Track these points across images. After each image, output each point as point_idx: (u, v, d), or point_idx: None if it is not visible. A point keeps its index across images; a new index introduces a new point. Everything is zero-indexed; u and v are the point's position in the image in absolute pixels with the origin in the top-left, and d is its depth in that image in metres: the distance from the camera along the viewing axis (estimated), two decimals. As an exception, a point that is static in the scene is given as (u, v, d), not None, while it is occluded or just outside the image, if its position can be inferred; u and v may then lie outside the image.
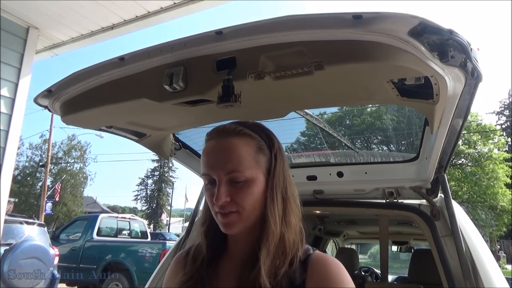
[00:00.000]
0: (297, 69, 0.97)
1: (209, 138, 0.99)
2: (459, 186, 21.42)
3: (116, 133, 1.67)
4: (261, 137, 0.98)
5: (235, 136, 0.95)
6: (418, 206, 1.92)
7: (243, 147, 0.94)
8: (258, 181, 0.94)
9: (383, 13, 0.86)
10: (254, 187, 0.93)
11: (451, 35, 0.87)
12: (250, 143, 0.95)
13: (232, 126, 0.98)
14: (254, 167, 0.94)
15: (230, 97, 0.99)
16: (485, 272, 1.57)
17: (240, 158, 0.92)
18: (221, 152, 0.94)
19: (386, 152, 9.21)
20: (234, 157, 0.92)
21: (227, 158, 0.93)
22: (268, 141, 0.99)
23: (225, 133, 0.96)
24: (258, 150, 0.96)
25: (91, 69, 1.22)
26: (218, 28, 1.00)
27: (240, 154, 0.93)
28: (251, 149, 0.95)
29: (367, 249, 20.75)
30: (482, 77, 1.07)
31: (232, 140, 0.95)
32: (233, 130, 0.96)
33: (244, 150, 0.94)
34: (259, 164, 0.95)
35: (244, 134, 0.96)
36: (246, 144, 0.95)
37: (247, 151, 0.94)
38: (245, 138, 0.96)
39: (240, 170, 0.91)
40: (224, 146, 0.94)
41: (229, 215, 0.92)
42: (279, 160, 0.98)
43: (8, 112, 4.02)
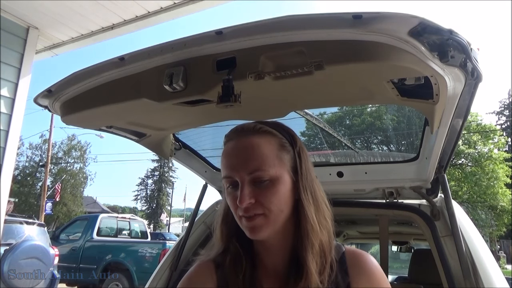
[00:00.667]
0: (297, 69, 0.97)
1: (228, 139, 0.95)
2: (459, 186, 21.43)
3: (116, 133, 1.67)
4: (282, 135, 0.95)
5: (255, 134, 0.92)
6: (418, 206, 1.92)
7: (264, 145, 0.90)
8: (284, 179, 0.89)
9: (383, 13, 0.86)
10: (280, 186, 0.88)
11: (451, 35, 0.87)
12: (271, 141, 0.92)
13: (251, 124, 0.95)
14: (278, 165, 0.90)
15: (230, 97, 0.99)
16: (485, 272, 1.57)
17: (263, 156, 0.88)
18: (241, 151, 0.90)
19: (386, 152, 9.22)
20: (256, 156, 0.88)
21: (248, 157, 0.89)
22: (290, 139, 0.96)
23: (244, 132, 0.93)
24: (280, 147, 0.92)
25: (91, 69, 1.22)
26: (218, 28, 1.00)
27: (262, 152, 0.89)
28: (273, 147, 0.91)
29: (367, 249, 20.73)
30: (482, 77, 1.06)
31: (252, 138, 0.91)
32: (252, 128, 0.93)
33: (266, 147, 0.90)
34: (283, 162, 0.91)
35: (265, 131, 0.93)
36: (267, 142, 0.91)
37: (269, 149, 0.90)
38: (266, 135, 0.92)
39: (264, 168, 0.87)
40: (245, 145, 0.91)
41: (255, 218, 0.87)
42: (303, 158, 0.95)
43: (8, 112, 4.02)
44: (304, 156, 0.96)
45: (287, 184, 0.90)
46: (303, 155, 0.95)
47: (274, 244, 0.93)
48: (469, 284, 1.54)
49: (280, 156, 0.91)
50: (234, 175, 0.89)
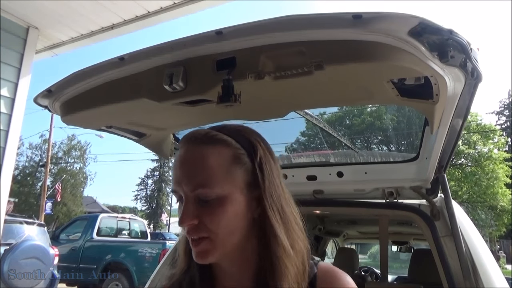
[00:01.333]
0: (297, 69, 0.97)
1: (180, 147, 0.82)
2: (459, 186, 21.44)
3: (116, 133, 1.67)
4: (240, 144, 0.81)
5: (206, 144, 0.79)
6: (418, 206, 1.91)
7: (213, 157, 0.77)
8: (234, 198, 0.77)
9: (383, 13, 0.86)
10: (228, 206, 0.76)
11: (451, 35, 0.87)
12: (223, 152, 0.78)
13: (203, 131, 0.82)
14: (228, 181, 0.77)
15: (230, 97, 0.99)
16: (485, 272, 1.57)
17: (209, 171, 0.76)
18: (186, 163, 0.78)
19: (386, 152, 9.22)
20: (201, 170, 0.76)
21: (192, 171, 0.77)
22: (249, 148, 0.81)
23: (194, 140, 0.80)
24: (233, 160, 0.79)
25: (91, 69, 1.22)
26: (218, 28, 1.00)
27: (209, 165, 0.76)
28: (223, 159, 0.78)
29: (367, 249, 20.76)
30: (482, 77, 1.07)
31: (201, 148, 0.78)
32: (203, 136, 0.80)
33: (215, 160, 0.77)
34: (234, 177, 0.78)
35: (217, 140, 0.79)
36: (218, 153, 0.78)
37: (218, 162, 0.77)
38: (218, 145, 0.79)
39: (209, 185, 0.75)
40: (191, 156, 0.78)
41: (200, 242, 0.76)
42: (266, 172, 0.80)
43: (8, 112, 4.02)
44: (267, 169, 0.81)
45: (239, 203, 0.77)
46: (266, 168, 0.81)
47: (232, 269, 0.82)
48: (469, 284, 1.54)
49: (231, 171, 0.78)
50: (179, 190, 0.78)
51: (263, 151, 0.83)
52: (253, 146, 0.82)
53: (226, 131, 0.83)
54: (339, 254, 4.12)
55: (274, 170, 0.83)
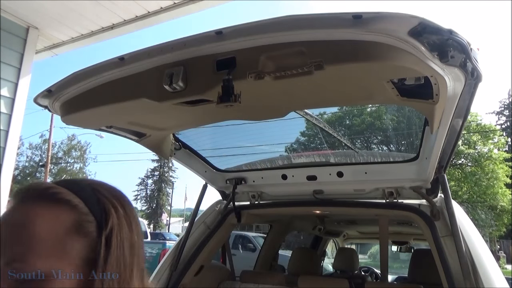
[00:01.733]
0: (297, 69, 0.97)
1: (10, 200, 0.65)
2: (459, 186, 21.42)
3: (116, 133, 1.67)
4: (89, 208, 0.63)
5: (40, 202, 0.61)
6: (418, 206, 1.91)
7: (44, 221, 0.59)
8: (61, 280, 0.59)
9: (383, 13, 0.86)
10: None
11: (451, 35, 0.87)
12: (61, 217, 0.61)
13: (44, 185, 0.64)
14: (58, 256, 0.59)
15: (230, 97, 0.99)
16: (485, 272, 1.57)
17: (33, 239, 0.58)
18: (7, 225, 0.60)
19: (386, 152, 9.22)
20: (22, 237, 0.58)
21: (12, 237, 0.58)
22: (100, 215, 0.63)
23: (25, 194, 0.63)
24: (73, 229, 0.61)
25: (91, 69, 1.22)
26: (218, 28, 1.00)
27: (34, 233, 0.58)
28: (59, 226, 0.60)
29: (367, 249, 20.75)
30: (482, 77, 1.07)
31: (30, 207, 0.60)
32: (41, 191, 0.62)
33: (45, 225, 0.59)
34: (67, 252, 0.60)
35: (58, 199, 0.62)
36: (53, 217, 0.60)
37: (49, 228, 0.59)
38: (56, 207, 0.61)
39: (28, 259, 0.57)
40: (15, 217, 0.61)
41: None
42: (114, 249, 0.63)
43: (8, 112, 4.02)
44: (118, 245, 0.63)
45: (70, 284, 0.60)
46: (116, 242, 0.63)
47: None
48: (469, 284, 1.54)
49: (66, 242, 0.60)
50: None
51: (118, 221, 0.65)
52: (106, 212, 0.64)
53: (78, 188, 0.65)
54: (339, 254, 4.12)
55: (126, 247, 0.65)
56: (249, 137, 2.30)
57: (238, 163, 2.35)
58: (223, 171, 2.29)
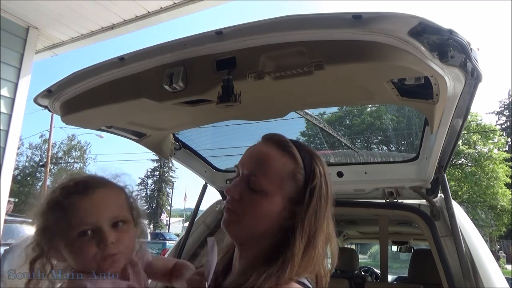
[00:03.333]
0: (297, 69, 0.97)
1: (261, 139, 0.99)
2: (459, 186, 21.42)
3: (116, 133, 1.67)
4: (304, 165, 0.93)
5: (279, 149, 0.93)
6: (418, 206, 1.91)
7: (278, 163, 0.91)
8: (273, 200, 0.89)
9: (382, 13, 0.86)
10: (265, 203, 0.89)
11: (451, 35, 0.87)
12: (287, 164, 0.92)
13: (284, 138, 0.97)
14: (277, 187, 0.89)
15: (230, 97, 0.99)
16: (485, 272, 1.57)
17: (269, 170, 0.90)
18: (257, 154, 0.94)
19: (386, 152, 9.22)
20: (264, 165, 0.91)
21: (257, 162, 0.92)
22: (309, 173, 0.93)
23: (272, 140, 0.96)
24: (291, 174, 0.91)
25: (91, 69, 1.22)
26: (218, 28, 1.00)
27: (271, 166, 0.91)
28: (284, 169, 0.91)
29: (367, 249, 20.76)
30: (482, 77, 1.07)
31: (273, 150, 0.93)
32: (282, 142, 0.95)
33: (277, 165, 0.91)
34: (283, 187, 0.90)
35: (289, 152, 0.93)
36: (283, 162, 0.92)
37: (279, 168, 0.91)
38: (287, 156, 0.93)
39: (262, 179, 0.89)
40: (263, 151, 0.93)
41: (230, 213, 0.91)
42: (314, 202, 0.90)
43: (8, 112, 4.02)
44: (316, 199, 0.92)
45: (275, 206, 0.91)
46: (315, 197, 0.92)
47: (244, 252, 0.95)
48: (469, 284, 1.54)
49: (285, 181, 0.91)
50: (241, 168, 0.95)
51: (320, 182, 0.93)
52: (313, 172, 0.93)
53: (300, 148, 0.95)
54: (339, 254, 4.11)
55: (322, 200, 0.92)
56: (249, 137, 2.30)
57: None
58: (223, 171, 2.29)
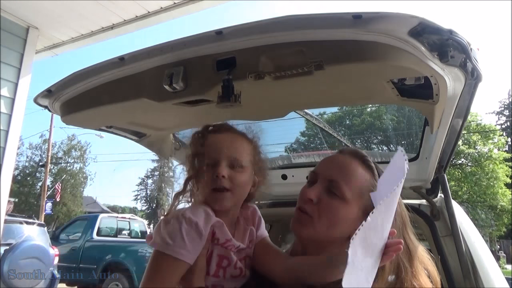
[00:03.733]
0: (297, 69, 0.97)
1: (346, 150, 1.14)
2: (459, 186, 21.41)
3: (116, 133, 1.67)
4: (378, 177, 1.03)
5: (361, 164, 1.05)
6: (418, 206, 1.91)
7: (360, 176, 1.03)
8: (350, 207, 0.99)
9: (382, 13, 0.86)
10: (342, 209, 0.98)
11: (451, 35, 0.87)
12: (366, 177, 1.04)
13: (363, 152, 1.09)
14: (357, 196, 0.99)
15: (230, 97, 0.99)
16: (485, 272, 1.57)
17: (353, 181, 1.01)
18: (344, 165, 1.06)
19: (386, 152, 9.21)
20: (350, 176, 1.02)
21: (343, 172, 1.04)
22: None
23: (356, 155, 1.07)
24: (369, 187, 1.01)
25: (91, 69, 1.22)
26: (218, 28, 1.00)
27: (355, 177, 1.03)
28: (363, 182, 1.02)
29: (367, 249, 20.66)
30: (482, 77, 1.07)
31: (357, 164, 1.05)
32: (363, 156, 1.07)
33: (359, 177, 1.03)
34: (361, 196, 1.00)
35: (369, 166, 1.06)
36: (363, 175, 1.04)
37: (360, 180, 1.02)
38: (367, 170, 1.04)
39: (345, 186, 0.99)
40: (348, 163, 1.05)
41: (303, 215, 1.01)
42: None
43: (8, 112, 4.02)
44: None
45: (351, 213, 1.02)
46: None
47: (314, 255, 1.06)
48: (469, 284, 1.54)
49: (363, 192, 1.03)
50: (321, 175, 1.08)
51: None
52: None
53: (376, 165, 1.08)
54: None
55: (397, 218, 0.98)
56: (249, 137, 2.30)
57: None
58: (223, 171, 2.28)
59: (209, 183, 1.02)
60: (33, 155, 36.26)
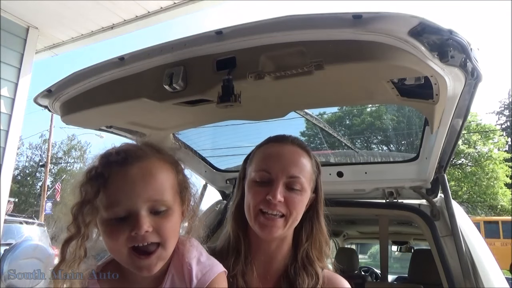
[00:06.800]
0: (297, 69, 0.97)
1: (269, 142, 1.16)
2: (459, 186, 21.41)
3: (116, 133, 1.67)
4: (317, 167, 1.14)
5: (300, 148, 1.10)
6: (418, 206, 1.91)
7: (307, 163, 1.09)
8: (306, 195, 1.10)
9: (383, 13, 0.86)
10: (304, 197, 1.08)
11: (451, 35, 0.87)
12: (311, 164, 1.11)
13: (299, 140, 1.14)
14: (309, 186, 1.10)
15: (230, 97, 0.99)
16: (485, 272, 1.57)
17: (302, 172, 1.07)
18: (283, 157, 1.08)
19: (386, 152, 9.22)
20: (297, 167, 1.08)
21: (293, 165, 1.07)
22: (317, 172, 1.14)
23: (289, 140, 1.11)
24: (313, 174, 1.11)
25: (91, 69, 1.22)
26: (218, 28, 1.00)
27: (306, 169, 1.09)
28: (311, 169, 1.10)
29: (367, 249, 20.72)
30: (482, 77, 1.07)
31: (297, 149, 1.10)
32: (299, 142, 1.12)
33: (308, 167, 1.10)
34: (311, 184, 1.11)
35: (308, 154, 1.10)
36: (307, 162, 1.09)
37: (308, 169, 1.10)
38: (308, 157, 1.09)
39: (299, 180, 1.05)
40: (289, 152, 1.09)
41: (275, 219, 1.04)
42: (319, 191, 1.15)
43: (8, 112, 4.02)
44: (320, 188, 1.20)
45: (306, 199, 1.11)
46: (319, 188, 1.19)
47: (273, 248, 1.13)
48: (469, 284, 1.54)
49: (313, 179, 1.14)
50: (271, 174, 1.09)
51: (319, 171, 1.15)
52: (318, 165, 1.14)
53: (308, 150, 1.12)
54: (339, 254, 4.11)
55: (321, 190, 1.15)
56: (249, 137, 2.30)
57: (238, 163, 2.35)
58: (223, 171, 2.28)
59: (125, 242, 0.80)
60: (33, 155, 36.25)
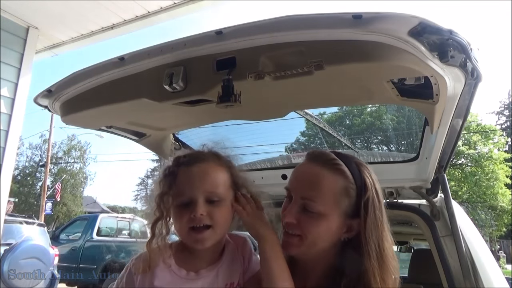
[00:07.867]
0: (297, 69, 0.97)
1: (305, 159, 1.06)
2: (459, 186, 21.41)
3: (116, 133, 1.67)
4: (354, 178, 0.99)
5: (327, 168, 0.99)
6: (418, 206, 1.91)
7: (329, 182, 0.98)
8: (330, 219, 0.97)
9: (383, 13, 0.86)
10: (324, 223, 0.97)
11: (451, 35, 0.87)
12: (338, 181, 0.98)
13: (330, 156, 1.02)
14: (332, 206, 0.97)
15: (230, 97, 0.99)
16: (485, 272, 1.57)
17: (321, 192, 0.97)
18: (306, 176, 1.01)
19: (386, 152, 9.23)
20: (316, 187, 0.97)
21: (308, 185, 0.99)
22: (360, 185, 0.99)
23: (318, 159, 1.02)
24: (344, 191, 0.98)
25: (91, 69, 1.22)
26: (218, 28, 1.00)
27: (323, 187, 0.98)
28: (336, 187, 0.97)
29: (367, 249, 20.64)
30: (482, 77, 1.07)
31: (321, 170, 0.99)
32: (328, 160, 1.01)
33: (329, 185, 0.97)
34: (338, 205, 0.97)
35: (338, 169, 0.99)
36: (334, 180, 0.98)
37: (331, 187, 0.97)
38: (337, 174, 0.99)
39: (316, 202, 0.96)
40: (311, 173, 1.00)
41: (291, 237, 1.00)
42: (370, 213, 0.96)
43: (8, 112, 4.02)
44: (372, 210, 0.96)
45: (333, 223, 0.98)
46: (371, 209, 0.96)
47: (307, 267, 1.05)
48: (469, 284, 1.54)
49: (338, 199, 0.98)
50: (291, 192, 1.04)
51: (372, 192, 0.98)
52: (365, 184, 0.98)
53: (345, 161, 1.01)
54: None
55: (377, 210, 0.97)
56: (249, 137, 2.30)
57: (238, 163, 2.34)
58: (223, 171, 2.28)
59: (186, 223, 0.97)
60: (33, 155, 36.22)
